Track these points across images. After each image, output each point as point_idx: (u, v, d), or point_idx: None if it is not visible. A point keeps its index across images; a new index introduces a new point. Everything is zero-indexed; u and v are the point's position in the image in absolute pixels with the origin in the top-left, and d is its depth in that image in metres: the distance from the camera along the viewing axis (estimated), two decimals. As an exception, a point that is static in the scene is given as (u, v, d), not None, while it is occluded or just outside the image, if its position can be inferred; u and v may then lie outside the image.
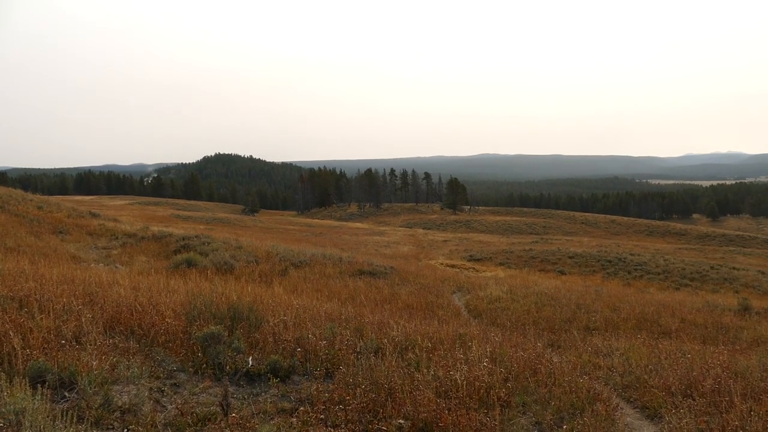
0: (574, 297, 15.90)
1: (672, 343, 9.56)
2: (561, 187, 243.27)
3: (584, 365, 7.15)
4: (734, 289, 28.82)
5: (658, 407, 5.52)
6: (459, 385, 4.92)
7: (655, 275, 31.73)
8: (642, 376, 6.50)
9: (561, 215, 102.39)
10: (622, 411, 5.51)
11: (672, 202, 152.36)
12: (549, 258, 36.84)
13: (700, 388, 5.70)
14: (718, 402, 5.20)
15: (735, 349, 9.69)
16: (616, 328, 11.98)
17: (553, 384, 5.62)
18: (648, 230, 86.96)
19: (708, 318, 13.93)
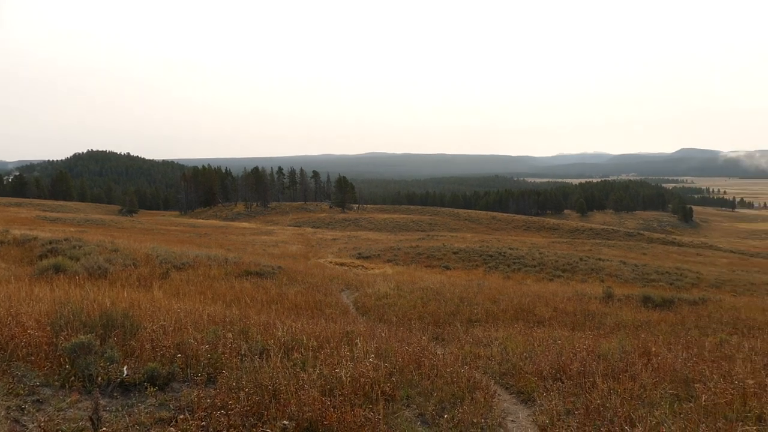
0: (457, 291, 16.54)
1: (545, 330, 10.21)
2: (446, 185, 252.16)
3: (466, 356, 7.45)
4: (600, 279, 31.31)
5: (531, 391, 5.88)
6: (344, 383, 4.95)
7: (531, 268, 33.70)
8: (518, 364, 6.88)
9: (446, 212, 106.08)
10: (499, 397, 5.80)
11: (546, 199, 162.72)
12: (435, 254, 38.02)
13: (568, 372, 6.13)
14: (583, 383, 5.63)
15: (600, 333, 10.53)
16: (496, 319, 12.59)
17: (436, 376, 5.80)
18: (525, 225, 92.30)
19: (577, 306, 15.03)
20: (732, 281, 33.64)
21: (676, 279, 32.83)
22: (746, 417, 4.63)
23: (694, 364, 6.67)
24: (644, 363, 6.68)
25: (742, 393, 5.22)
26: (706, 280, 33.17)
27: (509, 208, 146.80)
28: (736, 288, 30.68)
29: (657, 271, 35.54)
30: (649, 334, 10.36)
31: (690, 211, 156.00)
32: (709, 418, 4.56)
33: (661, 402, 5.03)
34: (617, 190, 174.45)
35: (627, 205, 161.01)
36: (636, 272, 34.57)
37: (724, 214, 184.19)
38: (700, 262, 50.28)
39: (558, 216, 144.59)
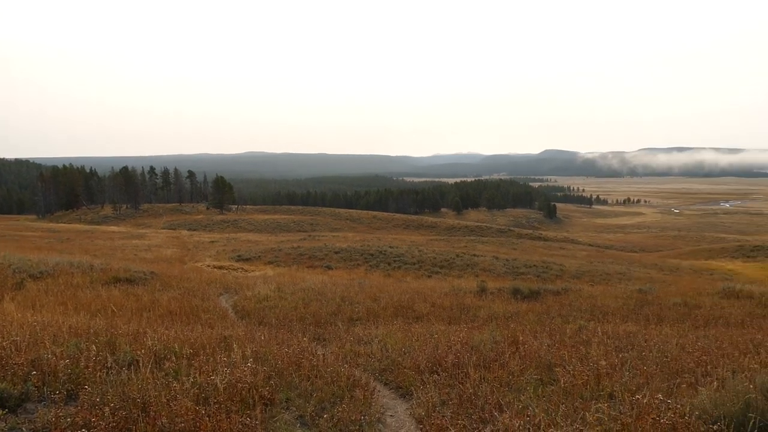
0: (339, 290, 16.62)
1: (423, 326, 10.54)
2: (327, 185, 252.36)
3: (347, 355, 7.51)
4: (475, 274, 32.86)
5: (409, 386, 6.04)
6: (219, 390, 4.80)
7: (411, 265, 34.63)
8: (397, 359, 7.04)
9: (327, 212, 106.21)
10: (379, 393, 5.90)
11: (425, 198, 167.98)
12: (317, 254, 37.92)
13: (444, 364, 6.37)
14: (457, 374, 5.88)
15: (474, 326, 11.04)
16: (377, 316, 12.78)
17: (317, 376, 5.79)
18: (405, 224, 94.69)
19: (454, 301, 15.66)
20: (590, 272, 36.68)
21: (543, 271, 35.21)
22: (600, 395, 5.06)
23: (557, 350, 7.20)
24: (513, 351, 7.10)
25: (596, 374, 5.71)
26: (568, 272, 35.88)
27: (389, 207, 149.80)
28: (593, 278, 33.47)
29: (526, 264, 37.89)
30: (518, 324, 11.03)
31: (554, 208, 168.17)
32: (569, 399, 4.94)
33: (527, 387, 5.38)
34: (490, 188, 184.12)
35: (499, 203, 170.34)
36: (507, 266, 36.65)
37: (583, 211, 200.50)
38: (563, 255, 54.36)
39: (436, 214, 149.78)
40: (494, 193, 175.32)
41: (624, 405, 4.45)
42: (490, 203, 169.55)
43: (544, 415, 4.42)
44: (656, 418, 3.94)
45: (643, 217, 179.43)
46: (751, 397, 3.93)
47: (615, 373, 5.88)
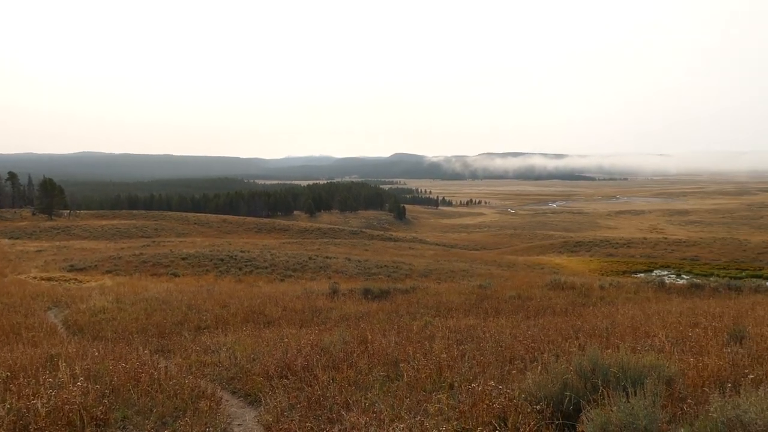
0: (186, 298, 15.87)
1: (274, 330, 10.40)
2: (173, 188, 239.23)
3: (192, 365, 7.19)
4: (327, 276, 33.09)
5: (258, 392, 5.93)
6: (41, 414, 4.35)
7: (263, 269, 34.01)
8: (246, 366, 6.88)
9: (173, 216, 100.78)
10: (227, 403, 5.72)
11: (277, 201, 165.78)
12: (162, 261, 35.85)
13: (293, 368, 6.34)
14: (306, 377, 5.88)
15: (325, 328, 11.11)
16: (226, 323, 12.38)
17: (158, 391, 5.48)
18: (257, 227, 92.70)
19: (306, 303, 15.63)
20: (437, 270, 38.60)
21: (393, 271, 36.39)
22: (441, 387, 5.35)
23: (403, 347, 7.48)
24: (362, 351, 7.26)
25: (438, 367, 6.03)
26: (417, 271, 37.44)
27: (240, 210, 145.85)
28: (440, 276, 35.26)
29: (377, 265, 38.92)
30: (368, 324, 11.29)
31: (403, 209, 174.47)
32: (413, 393, 5.15)
33: (375, 384, 5.53)
34: (342, 191, 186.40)
35: (351, 205, 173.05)
36: (359, 267, 37.37)
37: (430, 212, 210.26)
38: (413, 255, 56.65)
39: (288, 217, 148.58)
40: (346, 196, 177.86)
41: (462, 394, 4.74)
42: (342, 205, 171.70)
43: (390, 410, 4.57)
44: (489, 404, 4.25)
45: (484, 217, 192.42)
46: (567, 377, 4.39)
47: (456, 364, 6.24)
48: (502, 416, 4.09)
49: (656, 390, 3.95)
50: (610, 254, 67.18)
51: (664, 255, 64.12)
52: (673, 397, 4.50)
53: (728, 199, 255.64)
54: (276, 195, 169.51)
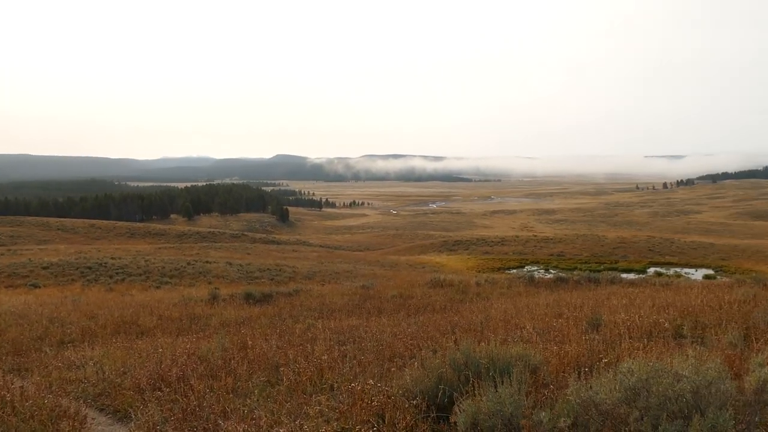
0: (47, 311, 14.65)
1: (149, 341, 9.87)
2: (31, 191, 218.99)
3: (53, 383, 6.64)
4: (208, 281, 31.96)
5: (128, 407, 5.60)
6: None
7: (137, 277, 32.17)
8: (115, 380, 6.48)
9: (33, 222, 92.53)
10: (93, 421, 5.36)
11: (151, 204, 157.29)
12: (18, 271, 32.76)
13: (168, 379, 6.05)
14: (182, 388, 5.64)
15: (204, 335, 10.72)
16: (94, 336, 11.56)
17: (11, 414, 5.00)
18: (129, 232, 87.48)
19: (183, 311, 14.99)
20: (321, 272, 38.57)
21: (276, 274, 35.88)
22: (322, 389, 5.36)
23: (285, 350, 7.40)
24: (242, 357, 7.09)
25: (319, 368, 6.03)
26: (300, 273, 37.18)
27: (111, 214, 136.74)
28: (324, 277, 35.27)
29: (260, 268, 38.17)
30: (250, 329, 11.05)
31: (286, 211, 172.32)
32: (293, 396, 5.12)
33: (254, 390, 5.42)
34: (222, 193, 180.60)
35: (232, 208, 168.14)
36: (241, 271, 36.46)
37: (314, 214, 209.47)
38: (296, 258, 56.17)
39: (164, 221, 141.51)
40: (227, 198, 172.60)
41: (342, 394, 4.78)
42: (223, 208, 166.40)
43: (269, 415, 4.51)
44: (368, 402, 4.32)
45: (367, 218, 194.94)
46: (442, 371, 4.57)
47: (337, 365, 6.28)
48: (381, 414, 4.17)
49: (522, 378, 4.22)
50: (486, 252, 70.76)
51: (534, 252, 68.58)
52: (537, 384, 4.83)
53: (589, 198, 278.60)
54: (151, 198, 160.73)
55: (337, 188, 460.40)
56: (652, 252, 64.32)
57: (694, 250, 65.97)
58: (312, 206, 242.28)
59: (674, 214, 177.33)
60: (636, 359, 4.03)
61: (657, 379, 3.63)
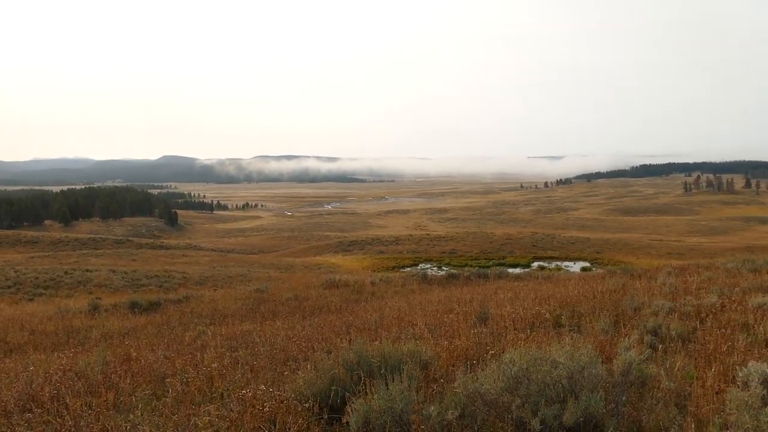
0: None
1: (17, 359, 9.08)
2: None
3: None
4: (88, 291, 29.91)
5: (-7, 433, 5.11)
6: None
7: (5, 289, 29.48)
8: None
9: None
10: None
11: (22, 209, 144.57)
12: None
13: (40, 399, 5.59)
14: (55, 408, 5.23)
15: (83, 349, 10.02)
16: (-48, 357, 10.47)
17: None
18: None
19: (60, 324, 13.95)
20: (213, 277, 37.31)
21: (165, 281, 34.26)
22: (212, 398, 5.17)
23: (172, 360, 7.08)
24: (125, 370, 6.70)
25: (209, 377, 5.83)
26: (191, 279, 35.75)
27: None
28: (216, 282, 34.14)
29: (147, 275, 36.27)
30: (135, 340, 10.48)
31: (175, 215, 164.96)
32: (181, 408, 4.90)
33: (138, 405, 5.13)
34: (103, 196, 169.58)
35: (115, 212, 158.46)
36: (126, 279, 34.47)
37: (205, 216, 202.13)
38: (187, 263, 53.96)
39: (38, 228, 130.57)
40: (109, 202, 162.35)
41: (233, 402, 4.65)
42: (104, 212, 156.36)
43: (155, 429, 4.29)
44: (260, 409, 4.24)
45: (261, 220, 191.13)
46: (335, 372, 4.57)
47: (228, 372, 6.09)
48: (272, 419, 4.10)
49: (413, 374, 4.31)
50: (381, 251, 71.75)
51: (428, 250, 70.46)
52: (428, 379, 4.96)
53: (478, 197, 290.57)
54: (21, 202, 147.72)
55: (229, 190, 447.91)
56: (535, 247, 68.18)
57: (573, 245, 70.73)
58: (203, 209, 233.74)
59: (555, 211, 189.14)
60: (518, 350, 4.25)
61: (536, 368, 3.85)
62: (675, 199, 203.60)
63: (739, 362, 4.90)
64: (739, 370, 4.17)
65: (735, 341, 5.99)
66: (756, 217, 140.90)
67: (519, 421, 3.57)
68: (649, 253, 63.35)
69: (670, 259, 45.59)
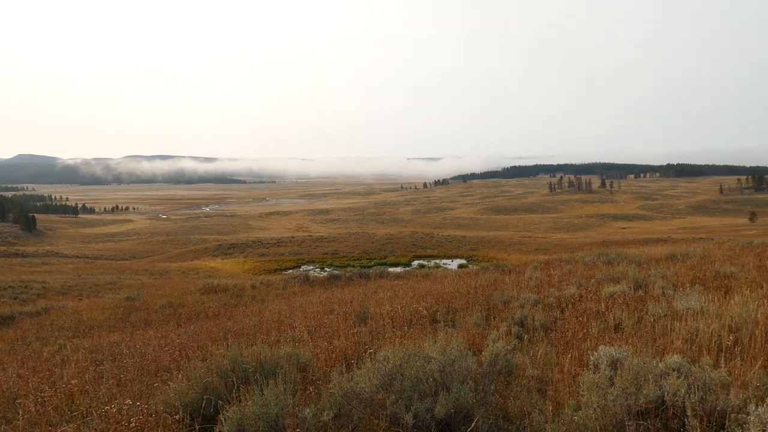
0: None
1: None
2: None
3: None
4: (-74, 306, 26.58)
5: None
6: None
7: None
8: None
9: None
10: None
11: None
12: None
13: None
14: None
15: None
16: None
17: None
18: None
19: None
20: (78, 286, 34.61)
21: (21, 292, 31.29)
22: (72, 416, 4.79)
23: (26, 379, 6.47)
24: (-32, 394, 6.02)
25: (69, 394, 5.38)
26: (53, 289, 32.93)
27: None
28: (82, 292, 31.70)
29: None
30: (-18, 359, 9.45)
31: (33, 219, 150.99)
32: (35, 429, 4.49)
33: (-18, 432, 4.64)
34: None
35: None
36: (-28, 292, 31.05)
37: (68, 221, 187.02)
38: (47, 271, 49.58)
39: None
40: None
41: (95, 420, 4.34)
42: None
43: (3, 457, 3.90)
44: (125, 425, 3.98)
45: (133, 224, 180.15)
46: (208, 381, 4.40)
47: (91, 388, 5.67)
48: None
49: (290, 378, 4.26)
50: (263, 254, 70.34)
51: (310, 251, 70.10)
52: (306, 381, 4.93)
53: (359, 198, 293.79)
54: None
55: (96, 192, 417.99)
56: (415, 246, 70.14)
57: (450, 243, 73.60)
58: (66, 213, 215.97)
59: (434, 210, 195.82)
60: (392, 347, 4.34)
61: (410, 363, 3.95)
62: (541, 198, 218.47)
63: (592, 347, 5.35)
64: (591, 354, 4.54)
65: (589, 328, 6.53)
66: (610, 214, 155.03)
67: (393, 417, 3.65)
68: (519, 249, 67.42)
69: (538, 255, 48.81)
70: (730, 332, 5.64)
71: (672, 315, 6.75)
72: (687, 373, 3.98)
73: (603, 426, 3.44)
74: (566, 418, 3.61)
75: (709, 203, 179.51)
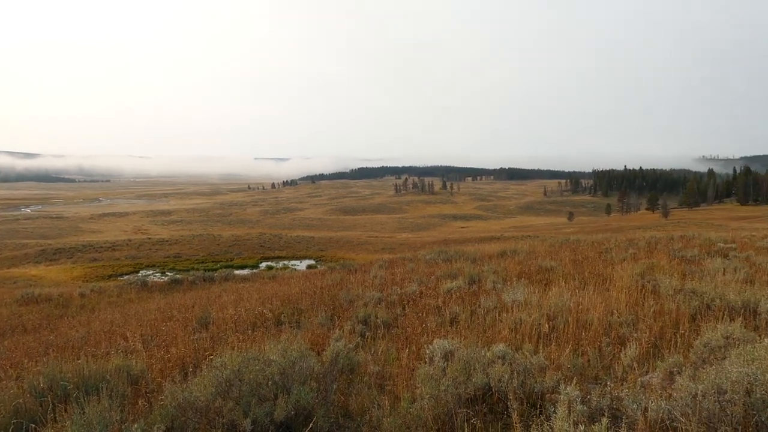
0: None
1: None
2: None
3: None
4: None
5: None
6: None
7: None
8: None
9: None
10: None
11: None
12: None
13: None
14: None
15: None
16: None
17: None
18: None
19: None
20: None
21: None
22: None
23: None
24: None
25: None
26: None
27: None
28: None
29: None
30: None
31: None
32: None
33: None
34: None
35: None
36: None
37: None
38: None
39: None
40: None
41: None
42: None
43: None
44: None
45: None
46: (20, 402, 3.94)
47: None
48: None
49: (118, 392, 3.96)
50: (95, 259, 64.79)
51: (150, 255, 65.88)
52: (138, 394, 4.61)
53: (204, 199, 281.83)
54: None
55: None
56: (263, 247, 68.89)
57: (299, 244, 73.31)
58: None
59: (282, 211, 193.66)
60: (231, 351, 4.21)
61: (249, 368, 3.85)
62: (388, 199, 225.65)
63: (429, 341, 5.62)
64: (428, 348, 4.76)
65: (428, 323, 6.85)
66: (450, 215, 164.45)
67: (231, 424, 3.53)
68: (366, 248, 69.02)
69: (384, 254, 50.34)
70: (549, 320, 6.24)
71: (501, 307, 7.31)
72: (511, 360, 4.33)
73: (435, 416, 3.62)
74: (402, 411, 3.74)
75: (535, 204, 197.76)
